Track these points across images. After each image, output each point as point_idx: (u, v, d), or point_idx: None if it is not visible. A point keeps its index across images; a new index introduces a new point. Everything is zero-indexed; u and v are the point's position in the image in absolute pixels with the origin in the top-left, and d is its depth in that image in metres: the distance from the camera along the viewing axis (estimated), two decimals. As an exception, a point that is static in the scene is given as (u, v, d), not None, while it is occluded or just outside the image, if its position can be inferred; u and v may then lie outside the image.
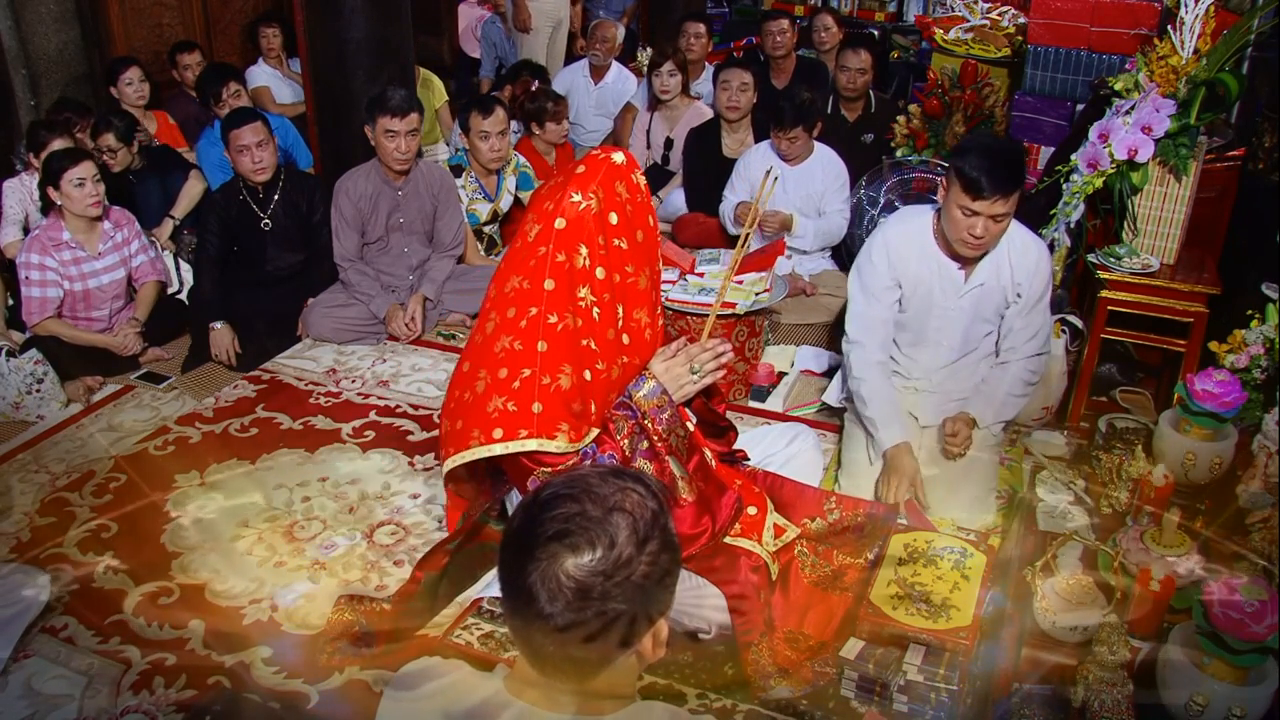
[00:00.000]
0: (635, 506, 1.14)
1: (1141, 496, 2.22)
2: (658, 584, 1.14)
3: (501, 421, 2.13)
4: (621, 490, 1.14)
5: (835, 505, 2.47)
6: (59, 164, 3.54)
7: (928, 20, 5.29)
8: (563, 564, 1.09)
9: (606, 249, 2.17)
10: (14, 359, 3.41)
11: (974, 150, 2.58)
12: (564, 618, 1.09)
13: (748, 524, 2.33)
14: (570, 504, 1.12)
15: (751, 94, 4.57)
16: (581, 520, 1.11)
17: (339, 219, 3.94)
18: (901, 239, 2.82)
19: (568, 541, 1.10)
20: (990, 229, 2.59)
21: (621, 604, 1.11)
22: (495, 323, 2.21)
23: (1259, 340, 2.60)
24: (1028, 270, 2.72)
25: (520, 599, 1.11)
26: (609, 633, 1.12)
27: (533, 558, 1.10)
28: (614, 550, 1.10)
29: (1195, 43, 3.03)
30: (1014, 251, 2.73)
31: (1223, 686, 1.68)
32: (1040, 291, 2.75)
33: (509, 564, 1.14)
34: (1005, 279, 2.75)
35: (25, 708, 2.26)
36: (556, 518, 1.11)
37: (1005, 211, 2.56)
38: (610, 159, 2.21)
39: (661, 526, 1.15)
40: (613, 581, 1.10)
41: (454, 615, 2.50)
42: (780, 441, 2.77)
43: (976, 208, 2.55)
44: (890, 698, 2.11)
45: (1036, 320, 2.78)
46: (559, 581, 1.09)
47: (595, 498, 1.13)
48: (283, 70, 5.69)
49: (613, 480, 1.15)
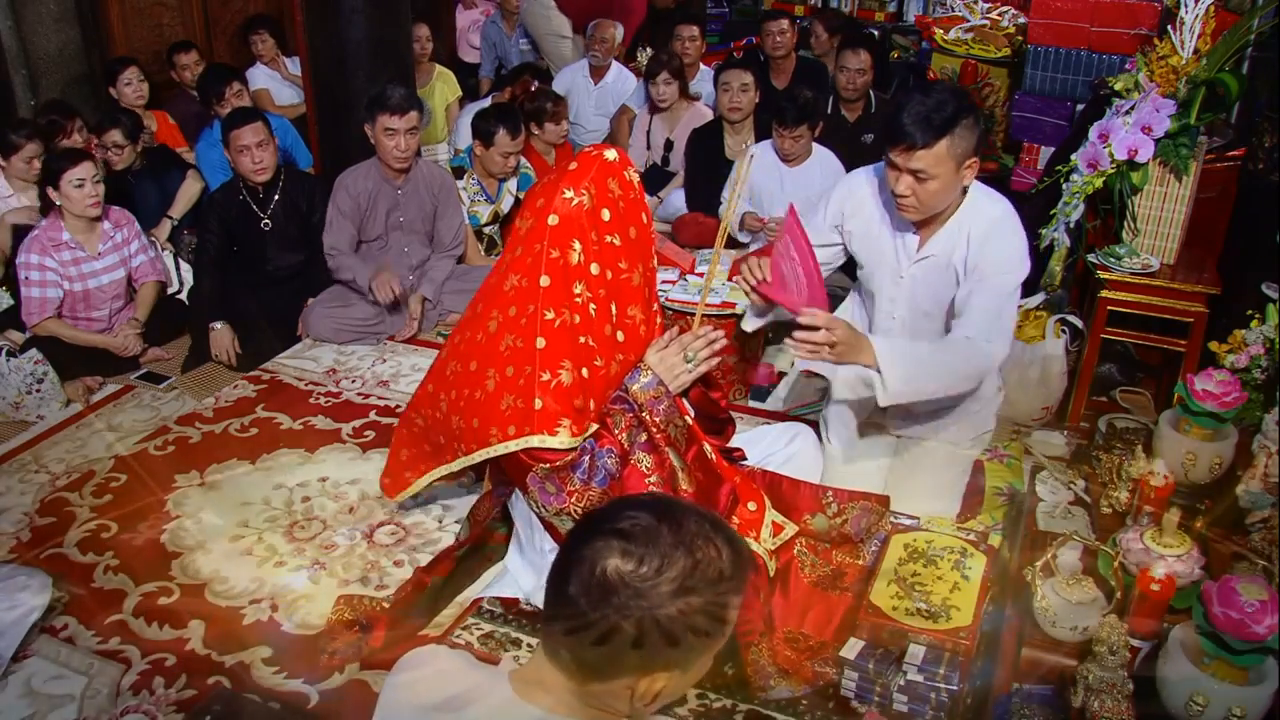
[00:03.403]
0: (704, 558, 1.13)
1: (1141, 496, 2.22)
2: (679, 636, 1.11)
3: (513, 418, 2.17)
4: (705, 538, 1.14)
5: (832, 498, 2.47)
6: (59, 164, 3.54)
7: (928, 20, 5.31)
8: (608, 559, 1.11)
9: (599, 245, 2.18)
10: (14, 359, 3.42)
11: (911, 96, 2.41)
12: (579, 604, 1.11)
13: (746, 520, 2.33)
14: (655, 518, 1.13)
15: (753, 94, 4.57)
16: (650, 535, 1.12)
17: (335, 211, 3.93)
18: (866, 189, 2.67)
19: (625, 544, 1.11)
20: (915, 189, 2.38)
21: (631, 627, 1.10)
22: (498, 321, 2.23)
23: (1259, 340, 2.60)
24: (986, 252, 2.47)
25: (566, 569, 1.14)
26: (609, 646, 1.11)
27: (594, 538, 1.13)
28: (658, 579, 1.10)
29: (1195, 43, 3.02)
30: (975, 231, 2.49)
31: (1223, 686, 1.68)
32: (990, 269, 2.45)
33: (576, 534, 1.17)
34: (958, 257, 2.52)
35: (25, 708, 2.26)
36: (638, 520, 1.13)
37: (925, 168, 2.35)
38: (602, 156, 2.22)
39: (717, 591, 1.13)
40: (635, 601, 1.09)
41: (454, 615, 2.50)
42: (780, 441, 2.77)
43: (894, 159, 2.38)
44: (890, 698, 2.11)
45: (989, 303, 2.45)
46: (595, 571, 1.11)
47: (677, 527, 1.13)
48: (281, 72, 5.69)
49: (707, 525, 1.15)
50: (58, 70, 5.01)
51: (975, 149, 2.41)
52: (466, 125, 4.73)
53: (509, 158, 4.31)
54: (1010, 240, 2.49)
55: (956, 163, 2.37)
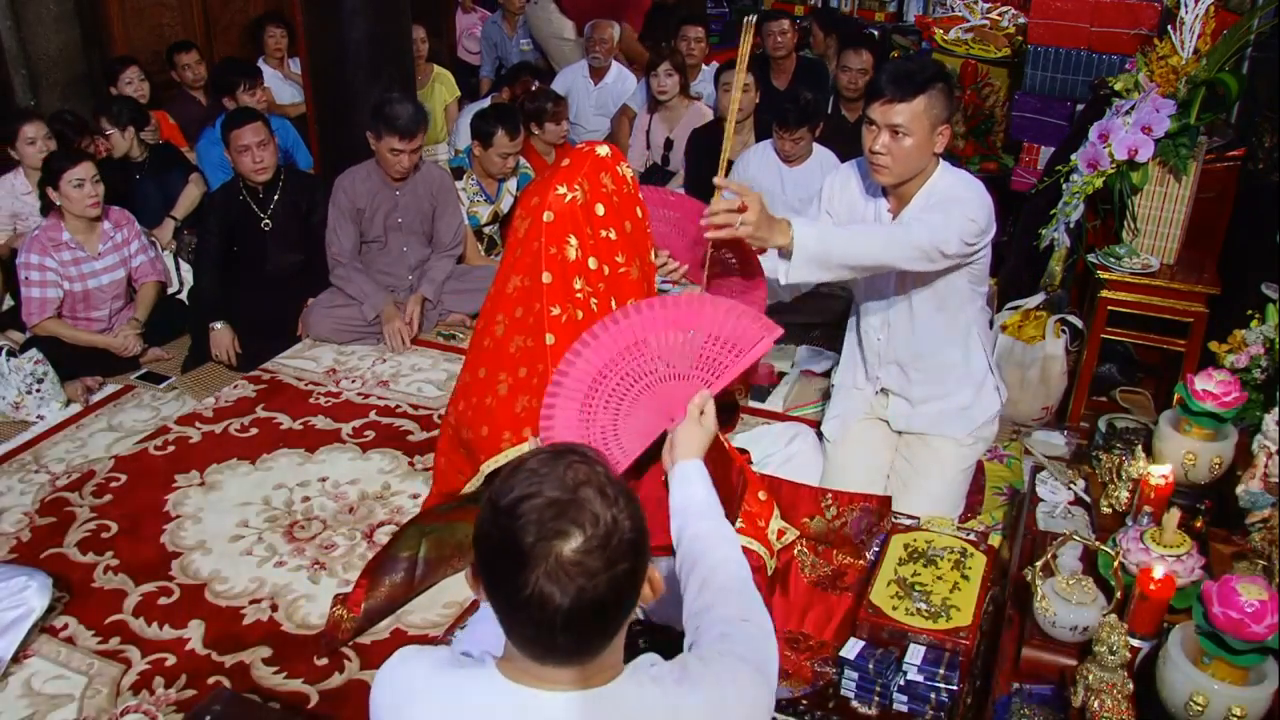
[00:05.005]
0: (589, 475, 1.16)
1: (1141, 496, 2.21)
2: (641, 530, 1.17)
3: (529, 420, 2.17)
4: (569, 466, 1.16)
5: (832, 501, 2.47)
6: (58, 165, 3.54)
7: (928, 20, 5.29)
8: (561, 554, 1.10)
9: (595, 240, 2.18)
10: (14, 359, 3.42)
11: (887, 65, 2.56)
12: (580, 601, 1.11)
13: (757, 509, 2.32)
14: (534, 499, 1.13)
15: (753, 95, 4.57)
16: (555, 508, 1.12)
17: (337, 215, 3.93)
18: (850, 172, 2.74)
19: (554, 532, 1.11)
20: (891, 147, 2.43)
21: (625, 563, 1.14)
22: (505, 325, 2.23)
23: (1259, 340, 2.59)
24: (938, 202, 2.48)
25: (529, 608, 1.11)
26: (621, 597, 1.15)
27: (530, 565, 1.10)
28: (599, 521, 1.12)
29: (1195, 43, 3.02)
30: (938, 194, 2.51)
31: (1223, 686, 1.67)
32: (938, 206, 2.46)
33: (505, 581, 1.13)
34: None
35: (25, 708, 2.26)
36: (530, 519, 1.12)
37: (903, 123, 2.40)
38: (594, 152, 2.22)
39: (614, 481, 1.17)
40: (610, 548, 1.12)
41: (454, 616, 2.50)
42: (780, 441, 2.78)
43: (873, 115, 2.43)
44: (890, 698, 2.11)
45: (935, 214, 2.44)
46: (565, 572, 1.10)
47: (553, 483, 1.14)
48: (283, 71, 5.69)
49: (556, 462, 1.17)
50: (58, 70, 5.01)
51: (948, 116, 2.49)
52: (466, 125, 4.73)
53: (508, 158, 4.31)
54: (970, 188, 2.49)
55: (931, 124, 2.43)
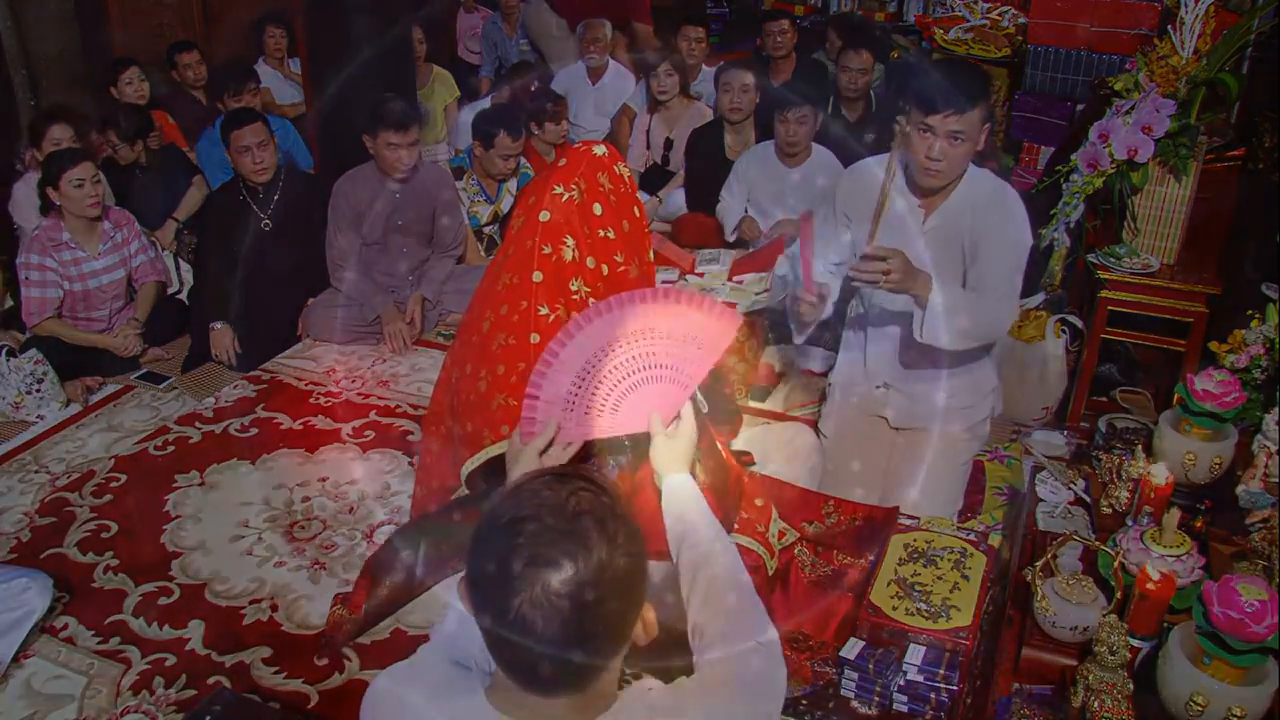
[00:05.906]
0: (592, 505, 1.13)
1: (1141, 496, 2.21)
2: (638, 571, 1.14)
3: (505, 417, 2.14)
4: (573, 493, 1.13)
5: (833, 509, 2.47)
6: (58, 164, 3.54)
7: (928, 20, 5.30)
8: (548, 584, 1.07)
9: (593, 240, 2.17)
10: (14, 359, 3.42)
11: (931, 68, 2.57)
12: (562, 634, 1.08)
13: (754, 514, 2.32)
14: (531, 523, 1.10)
15: (754, 95, 4.57)
16: (550, 536, 1.09)
17: (337, 219, 3.93)
18: (858, 176, 2.69)
19: (545, 561, 1.08)
20: (948, 152, 2.44)
21: (615, 603, 1.11)
22: (491, 321, 2.21)
23: (1259, 340, 2.59)
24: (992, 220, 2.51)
25: (512, 631, 1.09)
26: (610, 634, 1.12)
27: (515, 589, 1.08)
28: (592, 555, 1.09)
29: (1195, 43, 3.02)
30: (979, 203, 2.53)
31: (1223, 686, 1.67)
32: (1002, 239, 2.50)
33: (491, 600, 1.10)
34: (964, 225, 2.55)
35: (25, 708, 2.26)
36: (524, 542, 1.09)
37: (962, 130, 2.41)
38: (591, 151, 2.21)
39: (620, 516, 1.14)
40: (601, 585, 1.09)
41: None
42: (780, 441, 2.77)
43: (931, 123, 2.42)
44: (890, 698, 2.11)
45: (1003, 270, 2.50)
46: (550, 602, 1.07)
47: (552, 510, 1.11)
48: (283, 71, 5.69)
49: (560, 486, 1.14)
50: (58, 70, 5.00)
51: (991, 115, 2.56)
52: (466, 125, 4.73)
53: (509, 159, 4.30)
54: (1016, 209, 2.56)
55: (982, 126, 2.48)
